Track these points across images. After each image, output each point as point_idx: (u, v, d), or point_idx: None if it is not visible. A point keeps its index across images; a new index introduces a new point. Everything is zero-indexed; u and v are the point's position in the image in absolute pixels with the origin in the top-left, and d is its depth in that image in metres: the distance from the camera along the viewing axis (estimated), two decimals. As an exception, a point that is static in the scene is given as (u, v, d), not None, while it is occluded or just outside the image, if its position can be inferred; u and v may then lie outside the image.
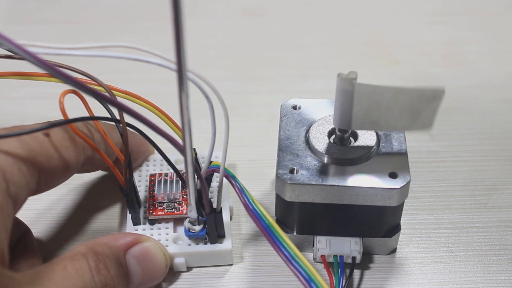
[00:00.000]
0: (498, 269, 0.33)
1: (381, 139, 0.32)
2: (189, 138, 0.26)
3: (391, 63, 0.47)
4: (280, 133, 0.32)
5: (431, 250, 0.34)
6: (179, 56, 0.22)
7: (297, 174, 0.30)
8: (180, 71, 0.23)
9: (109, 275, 0.28)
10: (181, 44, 0.22)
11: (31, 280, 0.25)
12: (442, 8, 0.52)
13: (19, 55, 0.22)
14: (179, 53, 0.22)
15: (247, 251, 0.34)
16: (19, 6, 0.53)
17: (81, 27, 0.51)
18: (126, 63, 0.27)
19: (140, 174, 0.36)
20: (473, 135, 0.41)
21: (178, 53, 0.22)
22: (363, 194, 0.30)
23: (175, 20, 0.21)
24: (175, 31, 0.21)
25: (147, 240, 0.31)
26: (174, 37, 0.21)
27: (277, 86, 0.45)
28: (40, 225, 0.35)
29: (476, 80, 0.45)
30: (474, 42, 0.49)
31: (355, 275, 0.33)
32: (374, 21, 0.51)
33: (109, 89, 0.30)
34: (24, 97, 0.44)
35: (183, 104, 0.24)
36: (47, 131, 0.28)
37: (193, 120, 0.36)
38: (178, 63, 0.22)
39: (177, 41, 0.22)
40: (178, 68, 0.23)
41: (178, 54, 0.22)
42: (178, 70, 0.23)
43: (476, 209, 0.36)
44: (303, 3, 0.53)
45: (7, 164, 0.26)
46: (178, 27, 0.21)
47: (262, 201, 0.35)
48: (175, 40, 0.22)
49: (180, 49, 0.22)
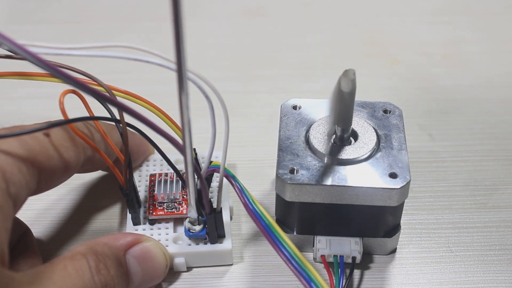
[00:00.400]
0: (498, 269, 0.33)
1: (381, 139, 0.32)
2: (189, 137, 0.26)
3: (391, 63, 0.47)
4: (280, 133, 0.32)
5: (431, 250, 0.34)
6: (179, 55, 0.22)
7: (297, 174, 0.30)
8: (180, 71, 0.23)
9: (109, 275, 0.28)
10: (181, 44, 0.22)
11: (31, 280, 0.25)
12: (442, 8, 0.52)
13: (20, 55, 0.22)
14: (179, 53, 0.22)
15: (247, 251, 0.34)
16: (19, 6, 0.53)
17: (81, 27, 0.51)
18: (126, 63, 0.27)
19: (140, 174, 0.36)
20: (473, 135, 0.41)
21: (178, 53, 0.22)
22: (363, 194, 0.30)
23: (175, 20, 0.21)
24: (175, 31, 0.21)
25: (147, 240, 0.31)
26: (174, 37, 0.21)
27: (277, 86, 0.45)
28: (40, 225, 0.35)
29: (476, 80, 0.45)
30: (474, 42, 0.49)
31: (355, 275, 0.33)
32: (374, 21, 0.51)
33: (109, 89, 0.30)
34: (24, 97, 0.44)
35: (183, 103, 0.24)
36: (47, 131, 0.28)
37: (193, 120, 0.36)
38: (177, 62, 0.22)
39: (177, 41, 0.22)
40: (178, 68, 0.23)
41: (178, 54, 0.22)
42: (178, 70, 0.23)
43: (476, 209, 0.36)
44: (303, 3, 0.53)
45: (7, 164, 0.26)
46: (178, 27, 0.21)
47: (262, 201, 0.35)
48: (175, 40, 0.22)
49: (180, 48, 0.22)
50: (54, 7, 0.53)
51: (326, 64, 0.47)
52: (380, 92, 0.44)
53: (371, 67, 0.46)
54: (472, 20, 0.51)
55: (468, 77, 0.45)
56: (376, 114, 0.33)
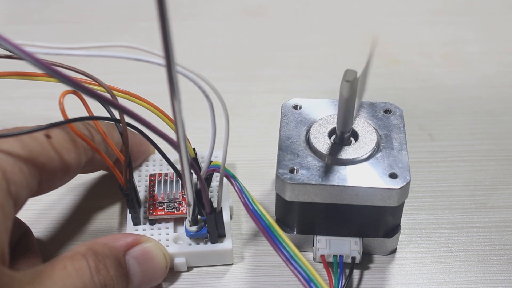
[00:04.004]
0: (498, 269, 0.33)
1: (381, 139, 0.32)
2: (183, 136, 0.26)
3: (391, 63, 0.47)
4: (281, 132, 0.32)
5: (431, 250, 0.34)
6: (167, 49, 0.22)
7: (297, 174, 0.30)
8: (170, 67, 0.23)
9: (109, 275, 0.28)
10: (168, 39, 0.22)
11: (31, 280, 0.25)
12: (442, 8, 0.52)
13: (17, 55, 0.22)
14: (166, 46, 0.22)
15: (247, 250, 0.34)
16: (19, 6, 0.53)
17: (81, 27, 0.51)
18: (126, 63, 0.27)
19: (140, 174, 0.36)
20: (473, 135, 0.41)
21: (166, 46, 0.22)
22: (363, 194, 0.30)
23: (161, 19, 0.21)
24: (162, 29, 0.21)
25: (147, 241, 0.31)
26: (161, 35, 0.21)
27: (277, 86, 0.45)
28: (40, 225, 0.35)
29: (476, 80, 0.45)
30: (474, 42, 0.49)
31: (354, 275, 0.33)
32: (374, 21, 0.51)
33: (109, 89, 0.30)
34: (24, 97, 0.44)
35: (176, 108, 0.24)
36: (48, 133, 0.28)
37: (193, 120, 0.36)
38: (166, 57, 0.22)
39: (164, 37, 0.21)
40: (167, 63, 0.22)
41: (166, 47, 0.22)
42: (167, 65, 0.23)
43: (476, 209, 0.36)
44: (303, 3, 0.53)
45: (7, 164, 0.26)
46: (165, 25, 0.21)
47: (262, 201, 0.35)
48: (163, 38, 0.22)
49: (167, 42, 0.22)
50: (54, 7, 0.53)
51: (326, 64, 0.47)
52: (380, 92, 0.44)
53: (371, 67, 0.46)
54: (472, 20, 0.51)
55: (468, 77, 0.45)
56: (377, 114, 0.33)
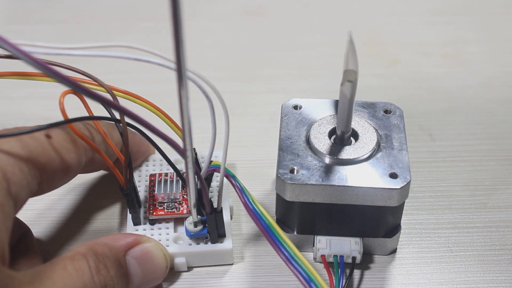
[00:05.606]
0: (498, 269, 0.33)
1: (381, 139, 0.32)
2: (190, 139, 0.26)
3: (391, 63, 0.47)
4: (281, 132, 0.32)
5: (431, 250, 0.34)
6: (178, 53, 0.22)
7: (297, 174, 0.30)
8: (180, 69, 0.23)
9: (109, 275, 0.28)
10: (180, 42, 0.22)
11: (32, 280, 0.25)
12: (442, 8, 0.52)
13: (14, 55, 0.22)
14: (178, 50, 0.22)
15: (247, 251, 0.34)
16: (19, 6, 0.53)
17: (81, 27, 0.51)
18: (126, 63, 0.27)
19: (140, 174, 0.36)
20: (473, 135, 0.41)
21: (177, 50, 0.22)
22: (363, 194, 0.30)
23: (174, 19, 0.21)
24: (174, 29, 0.21)
25: (148, 241, 0.31)
26: (173, 35, 0.21)
27: (277, 86, 0.45)
28: (40, 225, 0.35)
29: (476, 80, 0.45)
30: (474, 42, 0.49)
31: (355, 275, 0.33)
32: (374, 21, 0.51)
33: (109, 89, 0.30)
34: (24, 97, 0.44)
35: (183, 104, 0.24)
36: (49, 133, 0.28)
37: (193, 120, 0.36)
38: (177, 60, 0.22)
39: (176, 39, 0.21)
40: (178, 66, 0.23)
41: (177, 51, 0.22)
42: (177, 68, 0.23)
43: (476, 209, 0.36)
44: (303, 3, 0.53)
45: (8, 164, 0.26)
46: (177, 26, 0.21)
47: (262, 201, 0.35)
48: (174, 38, 0.21)
49: (179, 45, 0.22)
50: (54, 7, 0.53)
51: (326, 64, 0.47)
52: (380, 92, 0.44)
53: (371, 67, 0.46)
54: (472, 20, 0.51)
55: (468, 77, 0.45)
56: (377, 114, 0.33)
